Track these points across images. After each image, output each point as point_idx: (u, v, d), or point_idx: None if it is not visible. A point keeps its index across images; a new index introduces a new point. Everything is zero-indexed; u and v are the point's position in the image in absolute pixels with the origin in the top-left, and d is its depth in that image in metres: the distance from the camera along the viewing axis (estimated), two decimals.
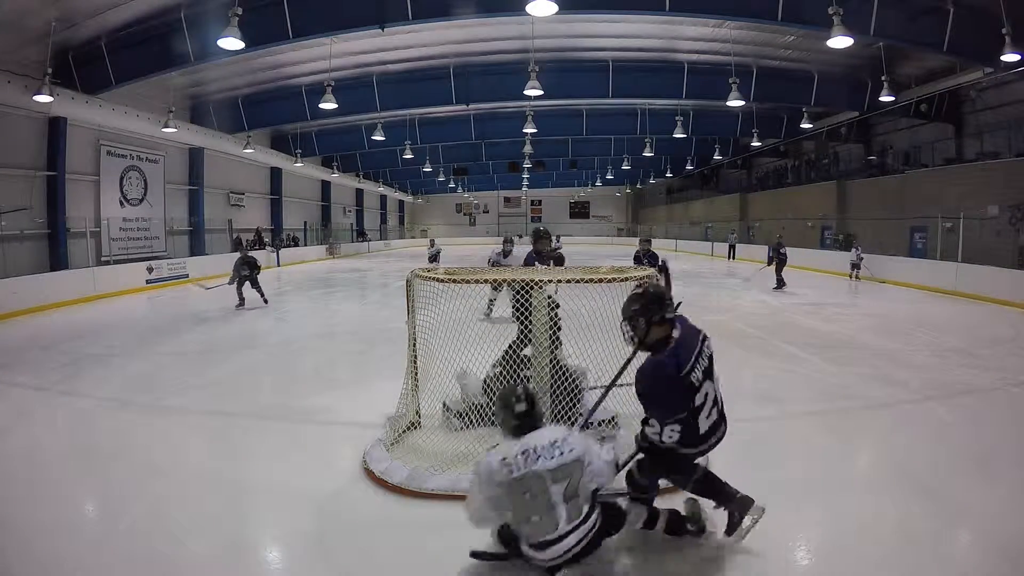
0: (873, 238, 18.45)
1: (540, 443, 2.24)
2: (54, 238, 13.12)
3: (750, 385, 5.57)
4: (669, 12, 10.31)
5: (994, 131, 15.57)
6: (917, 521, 2.98)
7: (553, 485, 2.18)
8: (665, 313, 2.51)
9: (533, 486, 2.17)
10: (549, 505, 2.16)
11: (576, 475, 2.20)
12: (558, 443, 2.23)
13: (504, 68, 14.49)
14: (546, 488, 2.17)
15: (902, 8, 10.67)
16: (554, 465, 2.19)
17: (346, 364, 6.86)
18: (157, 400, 5.19)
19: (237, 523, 3.09)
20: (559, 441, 2.24)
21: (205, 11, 10.21)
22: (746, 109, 18.45)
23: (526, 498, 2.17)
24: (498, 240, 14.97)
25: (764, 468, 3.65)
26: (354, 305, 11.98)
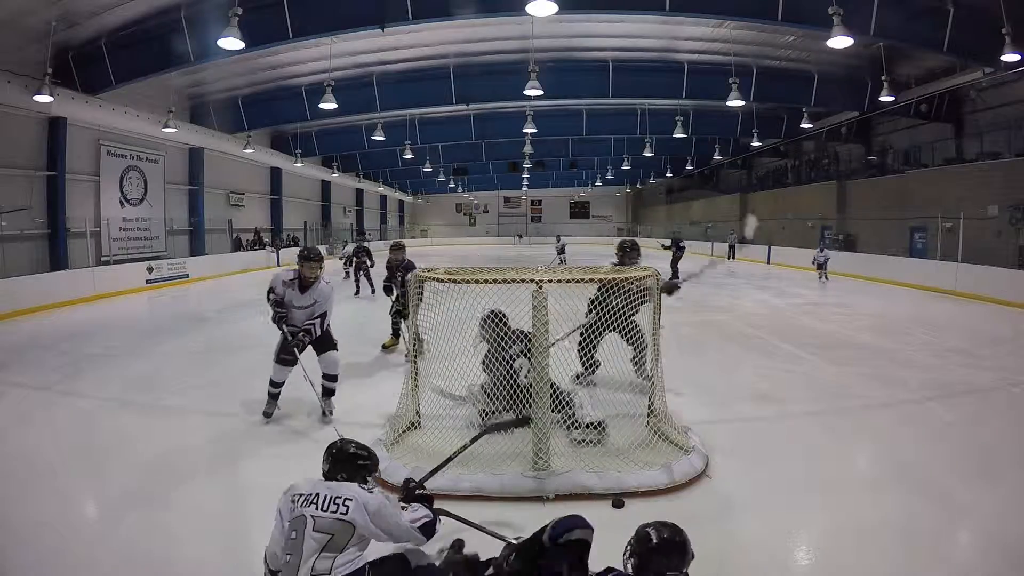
0: (873, 238, 18.47)
1: (320, 492, 2.24)
2: (54, 238, 13.12)
3: (750, 385, 5.58)
4: (669, 12, 10.30)
5: (994, 131, 15.57)
6: (917, 521, 2.98)
7: (313, 532, 2.15)
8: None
9: (297, 527, 2.16)
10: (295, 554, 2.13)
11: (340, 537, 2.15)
12: (339, 499, 2.21)
13: (504, 68, 14.48)
14: (302, 536, 2.14)
15: (902, 8, 10.66)
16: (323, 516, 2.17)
17: (346, 364, 6.84)
18: (157, 400, 5.19)
19: (237, 523, 3.09)
20: (342, 498, 2.21)
21: (205, 11, 10.20)
22: (746, 109, 18.43)
23: (290, 537, 2.17)
24: (498, 240, 14.92)
25: (764, 468, 3.66)
26: (353, 305, 11.97)
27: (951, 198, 15.01)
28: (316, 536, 2.12)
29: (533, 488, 3.21)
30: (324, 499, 2.22)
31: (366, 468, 2.44)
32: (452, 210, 47.74)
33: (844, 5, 9.30)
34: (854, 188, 20.97)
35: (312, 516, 2.16)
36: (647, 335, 4.11)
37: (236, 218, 21.53)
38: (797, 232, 22.43)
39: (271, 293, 4.65)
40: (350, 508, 2.19)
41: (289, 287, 4.59)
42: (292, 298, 4.58)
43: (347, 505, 2.20)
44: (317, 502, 2.21)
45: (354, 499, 2.21)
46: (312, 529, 2.14)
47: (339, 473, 2.38)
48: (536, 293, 3.37)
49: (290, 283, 4.59)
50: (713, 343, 7.71)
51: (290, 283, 4.59)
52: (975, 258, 12.68)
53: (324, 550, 2.11)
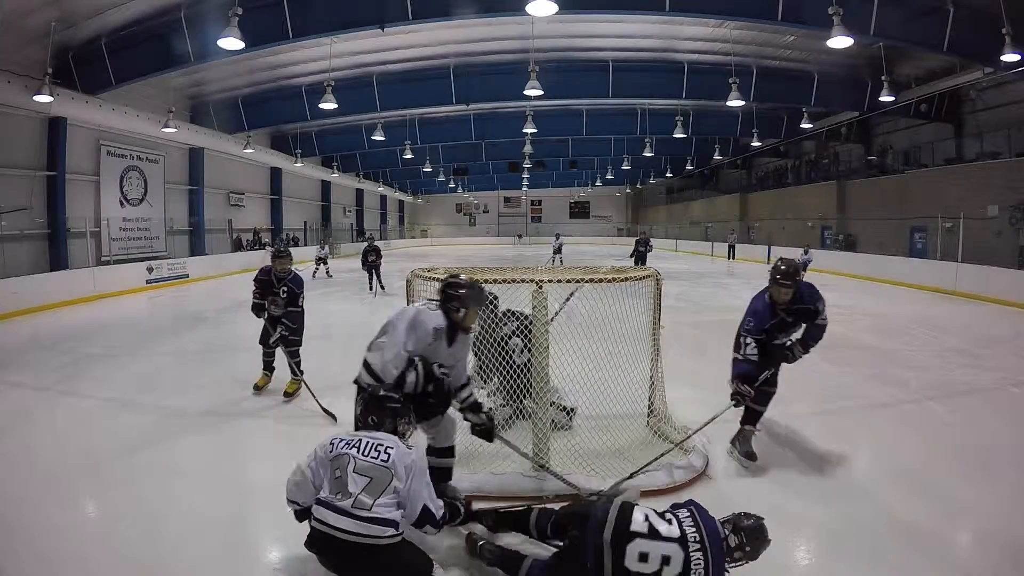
0: (873, 238, 18.47)
1: (362, 437, 2.39)
2: (54, 238, 13.11)
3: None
4: (669, 12, 10.30)
5: (994, 131, 15.57)
6: (917, 521, 2.98)
7: (354, 473, 2.29)
8: None
9: (340, 465, 2.31)
10: (344, 484, 2.28)
11: (379, 481, 2.28)
12: (381, 447, 2.35)
13: (504, 68, 14.49)
14: (346, 473, 2.29)
15: (902, 8, 10.66)
16: (364, 460, 2.31)
17: (345, 364, 6.82)
18: (157, 400, 5.19)
19: (237, 523, 3.09)
20: (384, 446, 2.35)
21: (205, 11, 10.20)
22: (746, 109, 18.44)
23: (334, 475, 2.31)
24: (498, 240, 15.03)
25: (764, 468, 3.65)
26: (353, 305, 11.98)
27: (951, 198, 15.01)
28: (356, 477, 2.28)
29: (533, 488, 3.21)
30: (365, 444, 2.36)
31: (396, 412, 2.51)
32: (452, 210, 47.75)
33: (844, 5, 9.30)
34: (854, 188, 20.97)
35: (354, 457, 2.32)
36: None
37: (236, 218, 21.53)
38: (797, 232, 22.43)
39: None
40: (391, 455, 2.33)
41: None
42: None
43: (388, 453, 2.34)
44: (359, 446, 2.36)
45: (395, 448, 2.35)
46: (353, 470, 2.29)
47: (370, 416, 2.49)
48: (536, 293, 3.36)
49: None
50: (713, 343, 7.68)
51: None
52: (975, 258, 12.68)
53: (364, 491, 2.26)
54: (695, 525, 2.18)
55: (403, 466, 2.31)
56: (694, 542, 2.11)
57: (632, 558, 2.07)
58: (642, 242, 18.53)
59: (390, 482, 2.28)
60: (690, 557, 2.08)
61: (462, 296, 2.83)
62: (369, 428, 2.47)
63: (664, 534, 2.12)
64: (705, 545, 2.11)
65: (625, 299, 3.65)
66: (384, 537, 2.22)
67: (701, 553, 2.09)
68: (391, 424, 2.48)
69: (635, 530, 2.13)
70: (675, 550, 2.09)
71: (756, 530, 2.20)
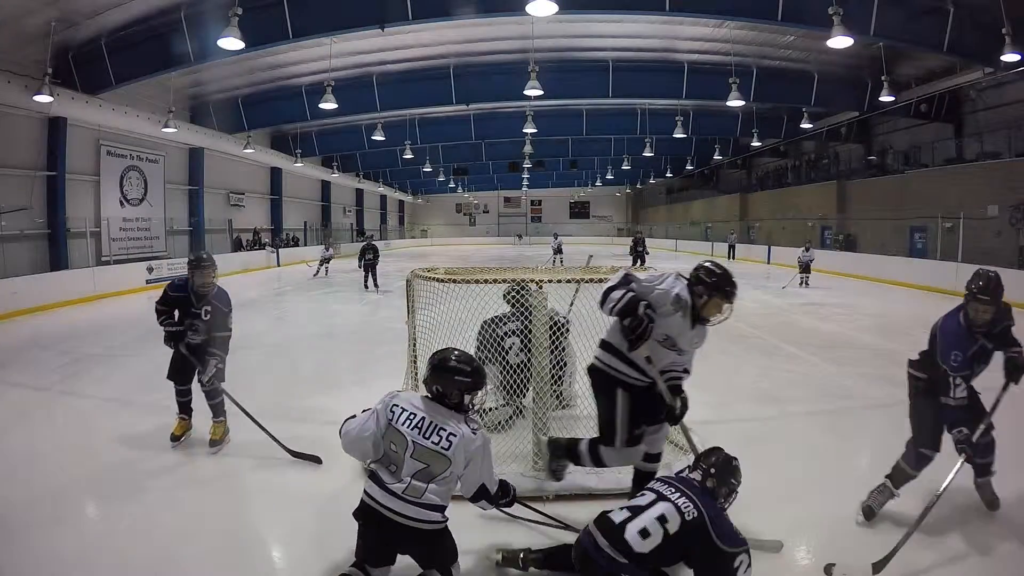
0: (873, 238, 18.47)
1: (425, 415, 2.28)
2: (54, 238, 13.11)
3: (750, 385, 5.57)
4: (669, 12, 10.31)
5: (994, 131, 15.57)
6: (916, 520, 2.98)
7: (410, 458, 2.23)
8: None
9: (396, 442, 2.26)
10: (399, 465, 2.24)
11: (436, 468, 2.22)
12: (443, 432, 2.25)
13: (504, 68, 14.49)
14: (402, 454, 2.24)
15: (902, 8, 10.66)
16: (423, 444, 2.24)
17: (346, 364, 6.86)
18: (157, 400, 5.18)
19: (237, 523, 3.09)
20: (446, 432, 2.25)
21: (205, 11, 10.19)
22: (746, 109, 18.44)
23: (390, 448, 2.27)
24: (498, 240, 15.15)
25: (764, 468, 3.65)
26: (354, 305, 11.98)
27: (951, 198, 15.01)
28: (412, 462, 2.22)
29: (533, 488, 3.21)
30: (428, 426, 2.26)
31: (463, 385, 2.33)
32: (452, 210, 47.76)
33: (844, 5, 9.30)
34: (854, 188, 20.98)
35: (413, 441, 2.24)
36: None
37: (236, 218, 21.53)
38: (797, 232, 22.44)
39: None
40: (452, 443, 2.23)
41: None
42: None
43: (450, 440, 2.24)
44: (421, 426, 2.26)
45: (458, 436, 2.25)
46: (411, 455, 2.23)
47: (436, 384, 2.35)
48: (536, 293, 3.36)
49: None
50: (713, 343, 7.66)
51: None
52: (975, 258, 12.66)
53: (417, 476, 2.21)
54: (666, 483, 2.28)
55: (464, 454, 2.25)
56: (672, 493, 2.20)
57: (636, 542, 2.08)
58: (639, 242, 18.59)
59: (446, 469, 2.23)
60: (678, 504, 2.14)
61: (710, 283, 2.69)
62: (433, 397, 2.36)
63: (645, 504, 2.19)
64: (683, 490, 2.20)
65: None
66: (430, 523, 2.22)
67: (684, 497, 2.17)
68: (457, 396, 2.32)
69: (621, 520, 2.15)
70: (663, 506, 2.14)
71: (724, 463, 2.36)
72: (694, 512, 2.12)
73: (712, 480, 2.29)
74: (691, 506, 2.14)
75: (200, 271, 3.95)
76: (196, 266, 3.97)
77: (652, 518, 2.12)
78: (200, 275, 3.95)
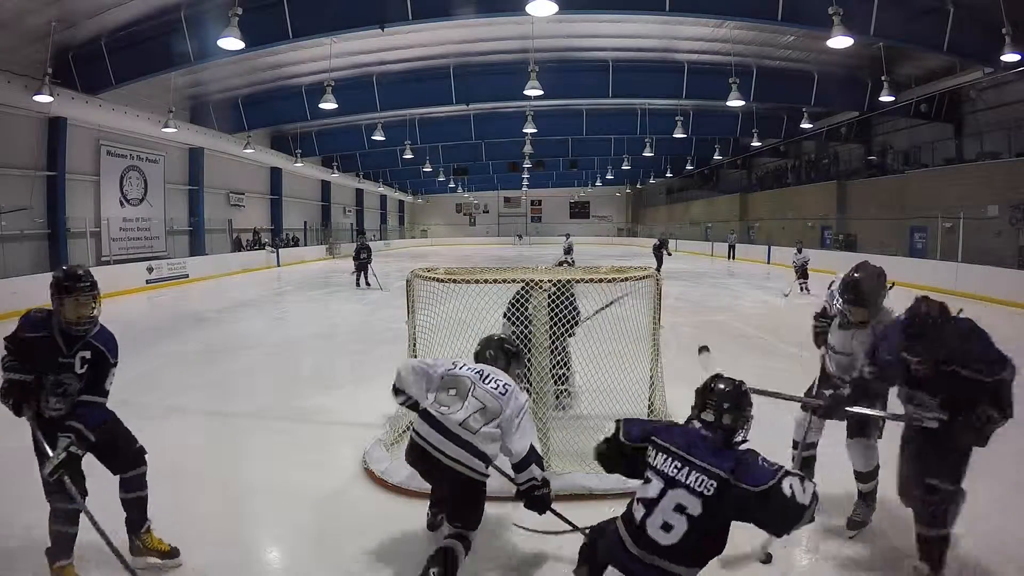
0: (873, 238, 18.47)
1: (484, 368, 2.57)
2: (54, 238, 13.12)
3: (750, 385, 5.56)
4: (669, 12, 10.31)
5: (994, 131, 15.58)
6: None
7: (472, 396, 2.44)
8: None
9: (459, 387, 2.47)
10: (459, 402, 2.43)
11: (490, 410, 2.41)
12: (499, 381, 2.50)
13: (504, 68, 14.49)
14: (463, 399, 2.44)
15: (902, 8, 10.66)
16: (483, 387, 2.47)
17: (346, 364, 6.87)
18: (157, 400, 5.18)
19: (237, 523, 3.10)
20: (502, 381, 2.50)
21: (205, 11, 10.21)
22: (746, 109, 18.44)
23: (448, 391, 2.49)
24: (498, 240, 15.21)
25: None
26: (354, 305, 11.98)
27: (951, 198, 15.01)
28: (473, 401, 2.43)
29: None
30: (487, 375, 2.53)
31: (514, 355, 2.72)
32: (452, 210, 47.74)
33: (844, 5, 9.30)
34: (854, 188, 20.98)
35: (475, 382, 2.48)
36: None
37: (236, 218, 21.54)
38: (797, 232, 22.43)
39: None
40: (508, 391, 2.47)
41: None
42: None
43: (506, 388, 2.48)
44: (481, 374, 2.53)
45: (512, 386, 2.51)
46: (472, 393, 2.45)
47: (488, 350, 2.70)
48: (536, 293, 3.36)
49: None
50: (713, 343, 7.66)
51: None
52: (975, 258, 12.68)
53: (476, 414, 2.41)
54: (670, 456, 2.01)
55: (515, 402, 2.45)
56: (680, 471, 1.96)
57: (662, 537, 1.91)
58: (664, 244, 17.98)
59: (500, 413, 2.41)
60: (690, 485, 1.93)
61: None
62: (486, 362, 2.64)
63: (656, 495, 1.96)
64: (691, 461, 1.96)
65: (625, 299, 3.65)
66: (471, 468, 2.35)
67: (695, 471, 1.94)
68: (503, 363, 2.64)
69: (640, 517, 1.97)
70: (676, 495, 1.93)
71: (734, 393, 2.12)
72: (711, 484, 1.90)
73: (728, 416, 2.06)
74: (704, 478, 1.92)
75: (74, 297, 2.45)
76: (67, 288, 2.45)
77: (669, 510, 1.93)
78: (73, 304, 2.45)
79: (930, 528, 2.44)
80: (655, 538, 1.92)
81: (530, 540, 2.78)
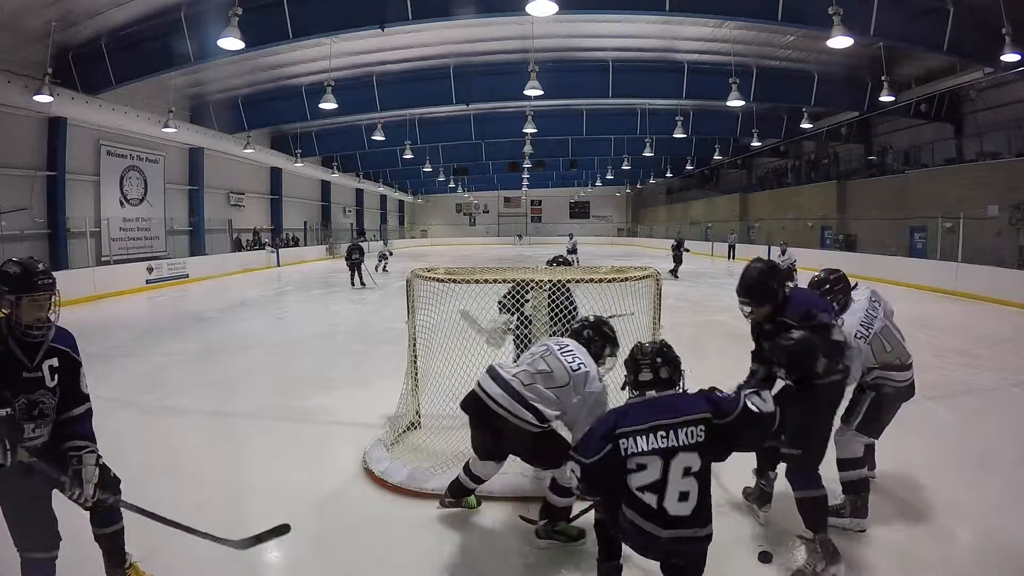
0: (873, 238, 18.46)
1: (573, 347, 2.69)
2: (54, 238, 13.12)
3: None
4: (669, 12, 10.30)
5: (994, 131, 15.56)
6: (917, 520, 2.98)
7: (541, 358, 2.62)
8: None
9: (539, 352, 2.68)
10: (528, 364, 2.65)
11: (556, 378, 2.55)
12: (577, 359, 2.61)
13: (504, 68, 14.48)
14: (537, 355, 2.65)
15: (902, 8, 10.66)
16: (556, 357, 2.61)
17: (346, 364, 6.87)
18: (157, 400, 5.19)
19: (237, 524, 3.09)
20: (579, 360, 2.60)
21: (205, 11, 10.20)
22: (746, 109, 18.44)
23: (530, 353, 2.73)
24: (498, 240, 15.27)
25: None
26: (354, 305, 11.98)
27: (951, 198, 15.00)
28: (540, 362, 2.60)
29: (534, 488, 3.21)
30: (568, 349, 2.64)
31: (611, 339, 2.80)
32: (452, 210, 47.72)
33: (844, 5, 9.30)
34: (854, 188, 20.96)
35: (551, 352, 2.62)
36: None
37: (236, 218, 21.54)
38: (797, 232, 22.43)
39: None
40: (581, 370, 2.55)
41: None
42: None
43: (579, 367, 2.56)
44: (565, 346, 2.65)
45: (589, 370, 2.58)
46: (543, 356, 2.62)
47: (587, 330, 2.79)
48: (536, 293, 3.36)
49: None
50: (714, 343, 7.71)
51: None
52: (975, 258, 12.68)
53: (538, 374, 2.56)
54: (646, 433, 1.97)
55: (585, 384, 2.53)
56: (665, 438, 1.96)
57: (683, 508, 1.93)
58: (681, 244, 17.24)
59: (563, 386, 2.53)
60: (684, 443, 1.95)
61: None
62: (581, 341, 2.72)
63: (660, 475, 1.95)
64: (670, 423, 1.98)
65: (625, 299, 3.65)
66: (521, 420, 2.50)
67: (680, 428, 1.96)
68: (599, 346, 2.73)
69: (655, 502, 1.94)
70: (679, 460, 1.95)
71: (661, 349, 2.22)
72: (700, 430, 1.98)
73: (665, 370, 2.13)
74: (692, 429, 1.98)
75: (32, 296, 2.01)
76: (26, 286, 2.00)
77: (679, 479, 1.94)
78: (31, 304, 2.01)
79: (795, 491, 2.60)
80: (679, 513, 1.94)
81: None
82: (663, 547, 1.96)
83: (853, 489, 2.88)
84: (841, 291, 3.13)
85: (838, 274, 3.19)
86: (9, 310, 2.01)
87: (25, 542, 2.12)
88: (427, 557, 2.69)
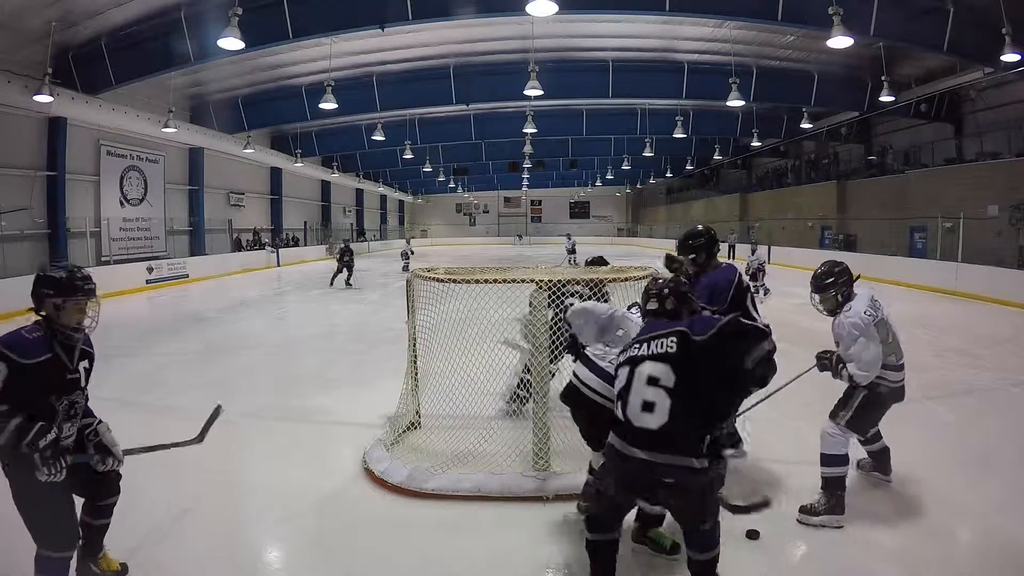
0: (873, 238, 18.46)
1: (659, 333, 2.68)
2: (54, 238, 13.12)
3: None
4: (669, 12, 10.29)
5: (994, 131, 15.56)
6: (916, 520, 2.98)
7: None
8: None
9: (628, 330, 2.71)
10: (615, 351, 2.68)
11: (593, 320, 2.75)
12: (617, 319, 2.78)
13: (504, 68, 14.48)
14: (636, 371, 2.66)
15: (902, 8, 10.66)
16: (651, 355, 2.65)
17: (346, 364, 6.87)
18: (157, 400, 5.19)
19: (237, 523, 3.09)
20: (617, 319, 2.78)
21: (205, 11, 10.19)
22: (746, 109, 18.43)
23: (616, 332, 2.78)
24: (498, 240, 15.32)
25: (763, 468, 3.66)
26: (354, 305, 11.98)
27: (951, 198, 15.00)
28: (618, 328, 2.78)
29: (534, 488, 3.21)
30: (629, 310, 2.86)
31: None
32: (452, 210, 47.71)
33: (844, 5, 9.29)
34: (854, 188, 20.96)
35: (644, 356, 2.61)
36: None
37: (236, 218, 21.54)
38: (797, 232, 22.43)
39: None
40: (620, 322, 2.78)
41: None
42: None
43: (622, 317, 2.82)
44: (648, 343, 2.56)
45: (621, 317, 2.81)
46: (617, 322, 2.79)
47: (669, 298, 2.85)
48: (536, 293, 3.36)
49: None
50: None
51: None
52: (975, 258, 12.67)
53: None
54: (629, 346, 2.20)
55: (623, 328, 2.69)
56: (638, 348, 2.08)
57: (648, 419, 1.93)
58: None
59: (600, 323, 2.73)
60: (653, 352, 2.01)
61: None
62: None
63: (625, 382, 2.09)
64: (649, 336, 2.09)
65: (624, 299, 3.65)
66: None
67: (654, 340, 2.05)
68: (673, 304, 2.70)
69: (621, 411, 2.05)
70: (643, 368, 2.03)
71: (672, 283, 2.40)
72: (672, 341, 1.95)
73: (670, 301, 2.24)
74: (664, 340, 1.97)
75: (76, 300, 2.21)
76: (71, 290, 2.19)
77: (642, 386, 1.94)
78: (75, 308, 2.21)
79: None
80: (643, 425, 1.91)
81: (536, 539, 2.78)
82: (626, 470, 1.92)
83: (830, 486, 2.92)
84: (845, 283, 3.31)
85: (842, 266, 3.34)
86: (50, 312, 2.22)
87: (51, 541, 2.19)
88: (427, 557, 2.69)
